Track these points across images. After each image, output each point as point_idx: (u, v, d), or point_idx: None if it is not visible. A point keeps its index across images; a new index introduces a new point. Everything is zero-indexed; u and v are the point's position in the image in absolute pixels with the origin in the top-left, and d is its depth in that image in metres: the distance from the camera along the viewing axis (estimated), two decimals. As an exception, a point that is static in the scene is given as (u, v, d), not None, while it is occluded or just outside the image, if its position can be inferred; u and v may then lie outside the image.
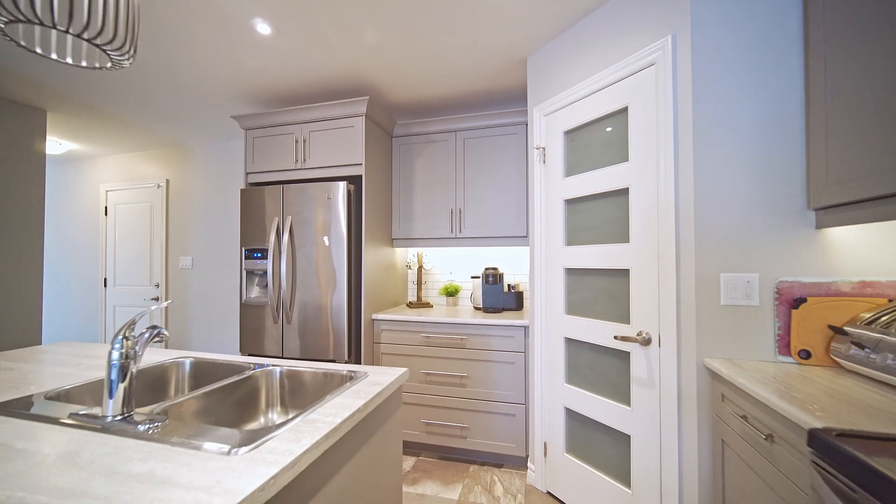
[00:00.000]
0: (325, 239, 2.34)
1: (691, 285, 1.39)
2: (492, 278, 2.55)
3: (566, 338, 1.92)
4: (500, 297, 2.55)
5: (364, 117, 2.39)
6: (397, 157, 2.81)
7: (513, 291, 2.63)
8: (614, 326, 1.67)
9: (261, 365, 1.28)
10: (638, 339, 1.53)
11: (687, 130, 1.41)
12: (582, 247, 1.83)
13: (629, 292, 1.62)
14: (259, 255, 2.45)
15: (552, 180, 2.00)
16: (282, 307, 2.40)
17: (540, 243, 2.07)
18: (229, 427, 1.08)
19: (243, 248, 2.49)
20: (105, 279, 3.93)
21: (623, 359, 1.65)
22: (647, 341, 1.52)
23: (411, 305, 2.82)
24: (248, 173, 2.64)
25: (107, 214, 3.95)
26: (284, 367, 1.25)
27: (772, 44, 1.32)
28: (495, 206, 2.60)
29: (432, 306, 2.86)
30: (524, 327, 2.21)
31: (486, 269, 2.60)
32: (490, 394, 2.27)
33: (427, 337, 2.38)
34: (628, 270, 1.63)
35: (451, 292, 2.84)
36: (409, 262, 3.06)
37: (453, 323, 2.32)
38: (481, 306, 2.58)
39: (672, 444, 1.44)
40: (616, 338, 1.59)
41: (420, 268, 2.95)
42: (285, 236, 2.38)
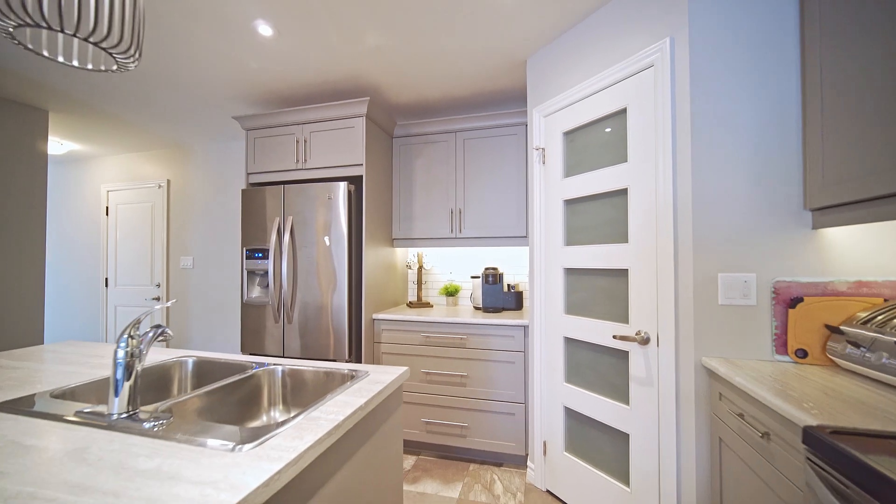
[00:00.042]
0: (325, 239, 2.35)
1: (689, 285, 1.40)
2: (491, 278, 2.57)
3: (565, 337, 1.94)
4: (500, 296, 2.56)
5: (364, 118, 2.40)
6: (398, 157, 2.82)
7: (512, 291, 2.64)
8: (613, 326, 1.68)
9: (262, 364, 1.29)
10: (636, 338, 1.54)
11: (685, 132, 1.42)
12: (581, 247, 1.85)
13: (628, 292, 1.63)
14: (260, 255, 2.47)
15: (552, 181, 2.01)
16: (283, 307, 2.41)
17: (539, 243, 2.08)
18: (232, 425, 1.10)
19: (244, 248, 2.50)
20: (106, 279, 3.95)
21: (622, 358, 1.67)
22: (645, 341, 1.53)
23: (411, 305, 2.84)
24: (249, 173, 2.65)
25: (108, 214, 3.96)
26: (286, 366, 1.27)
27: (769, 46, 1.33)
28: (495, 206, 2.61)
29: (432, 306, 2.88)
30: (524, 327, 2.22)
31: (486, 269, 2.61)
32: (490, 393, 2.28)
33: (427, 336, 2.39)
34: (627, 270, 1.64)
35: (451, 292, 2.85)
36: (409, 262, 3.07)
37: (453, 323, 2.33)
38: (481, 306, 2.59)
39: (670, 443, 1.45)
40: (615, 337, 1.61)
41: (420, 268, 2.97)
42: (286, 236, 2.39)
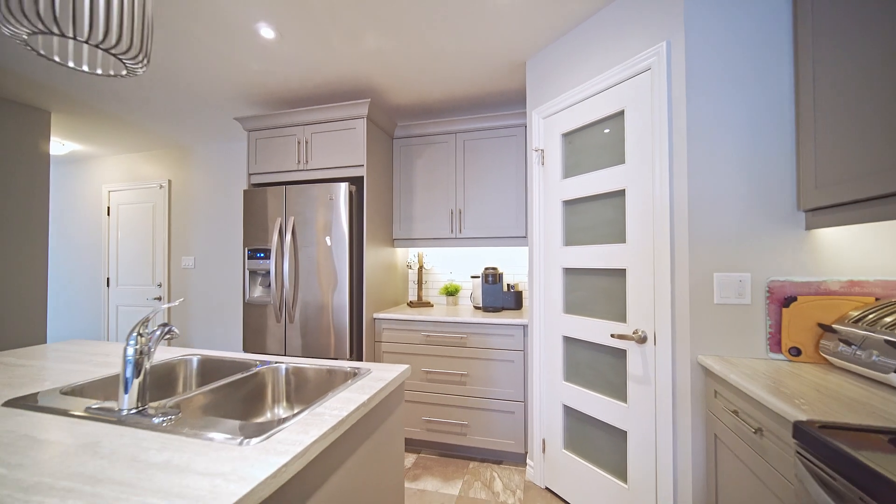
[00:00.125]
0: (327, 239, 2.37)
1: (685, 285, 1.43)
2: (491, 278, 2.59)
3: (564, 336, 1.96)
4: (500, 296, 2.59)
5: (365, 119, 2.43)
6: (398, 158, 2.84)
7: (512, 291, 2.67)
8: (611, 325, 1.71)
9: (266, 362, 1.31)
10: (634, 337, 1.57)
11: (681, 134, 1.44)
12: (580, 247, 1.87)
13: (626, 292, 1.66)
14: (262, 255, 2.49)
15: (551, 182, 2.03)
16: (284, 306, 2.43)
17: (539, 243, 2.11)
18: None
19: (246, 248, 2.53)
20: (108, 279, 3.97)
21: (620, 357, 1.69)
22: (642, 339, 1.55)
23: (412, 305, 2.86)
24: (250, 174, 2.68)
25: (109, 214, 3.98)
26: (290, 364, 1.29)
27: (764, 49, 1.36)
28: (495, 206, 2.63)
29: (433, 305, 2.90)
30: (523, 326, 2.25)
31: (486, 268, 2.63)
32: (490, 392, 2.30)
33: (428, 336, 2.41)
34: (625, 270, 1.66)
35: (452, 292, 2.88)
36: (409, 261, 3.10)
37: (453, 322, 2.36)
38: (481, 305, 2.62)
39: (667, 440, 1.48)
40: (613, 336, 1.63)
41: (421, 267, 2.99)
42: (288, 236, 2.42)
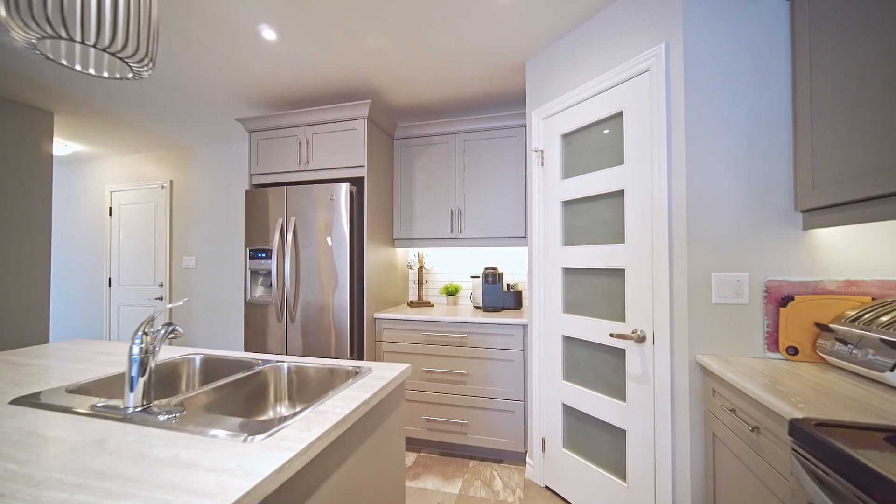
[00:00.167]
0: (327, 239, 2.38)
1: (684, 284, 1.44)
2: (491, 278, 2.60)
3: (564, 336, 1.97)
4: (500, 296, 2.60)
5: (366, 120, 2.44)
6: (398, 158, 2.85)
7: (512, 291, 2.68)
8: (610, 324, 1.72)
9: (268, 361, 1.32)
10: (633, 336, 1.58)
11: (679, 135, 1.46)
12: (579, 247, 1.88)
13: (624, 291, 1.67)
14: (263, 255, 2.50)
15: (550, 182, 2.05)
16: (285, 306, 2.45)
17: (538, 243, 2.12)
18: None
19: (248, 249, 2.54)
20: (109, 279, 3.98)
21: (619, 356, 1.70)
22: (641, 339, 1.57)
23: (412, 304, 2.87)
24: (252, 175, 2.69)
25: (111, 215, 4.00)
26: (291, 363, 1.30)
27: (762, 50, 1.37)
28: (495, 207, 2.65)
29: (433, 305, 2.91)
30: (523, 326, 2.26)
31: (486, 268, 2.65)
32: (489, 391, 2.31)
33: (428, 335, 2.43)
34: (624, 270, 1.68)
35: (452, 292, 2.89)
36: (410, 261, 3.11)
37: (453, 322, 2.37)
38: (481, 305, 2.63)
39: (666, 438, 1.49)
40: (612, 335, 1.64)
41: (421, 267, 3.00)
42: (289, 237, 2.43)
